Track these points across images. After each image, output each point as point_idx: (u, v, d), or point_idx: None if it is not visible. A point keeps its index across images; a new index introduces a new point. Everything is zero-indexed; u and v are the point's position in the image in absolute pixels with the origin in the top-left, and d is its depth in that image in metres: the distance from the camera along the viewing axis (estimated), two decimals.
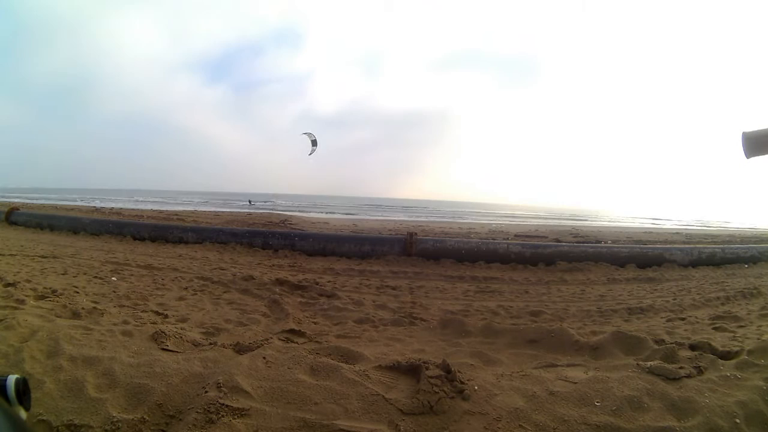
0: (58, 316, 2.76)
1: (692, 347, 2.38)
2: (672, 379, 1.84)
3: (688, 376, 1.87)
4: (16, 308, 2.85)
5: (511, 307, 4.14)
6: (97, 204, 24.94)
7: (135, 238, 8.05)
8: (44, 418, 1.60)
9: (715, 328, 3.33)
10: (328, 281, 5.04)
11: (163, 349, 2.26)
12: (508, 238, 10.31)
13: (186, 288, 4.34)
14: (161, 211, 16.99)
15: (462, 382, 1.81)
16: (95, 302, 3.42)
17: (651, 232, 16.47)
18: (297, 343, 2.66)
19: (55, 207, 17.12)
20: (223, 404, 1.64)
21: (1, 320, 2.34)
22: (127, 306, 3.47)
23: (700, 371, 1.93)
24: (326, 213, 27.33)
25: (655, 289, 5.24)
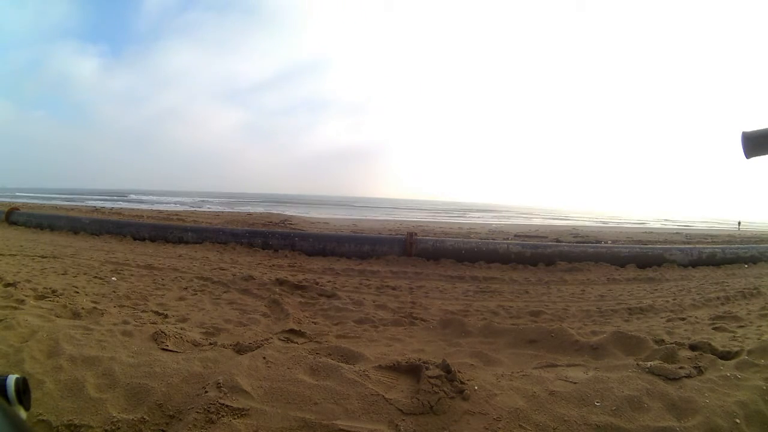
0: (58, 316, 2.77)
1: (692, 347, 2.38)
2: (672, 379, 1.84)
3: (688, 376, 1.87)
4: (16, 308, 2.84)
5: (511, 307, 4.14)
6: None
7: (135, 238, 8.05)
8: (44, 418, 1.60)
9: (715, 328, 3.33)
10: (328, 281, 5.03)
11: (163, 349, 2.26)
12: (508, 238, 10.30)
13: (186, 288, 4.34)
14: (161, 211, 16.98)
15: (462, 382, 1.81)
16: (95, 302, 3.42)
17: (651, 232, 16.46)
18: (297, 343, 2.66)
19: (55, 207, 17.11)
20: (223, 404, 1.64)
21: (1, 320, 2.35)
22: (127, 306, 3.47)
23: (700, 371, 1.93)
24: (318, 212, 27.26)
25: (655, 289, 5.24)
